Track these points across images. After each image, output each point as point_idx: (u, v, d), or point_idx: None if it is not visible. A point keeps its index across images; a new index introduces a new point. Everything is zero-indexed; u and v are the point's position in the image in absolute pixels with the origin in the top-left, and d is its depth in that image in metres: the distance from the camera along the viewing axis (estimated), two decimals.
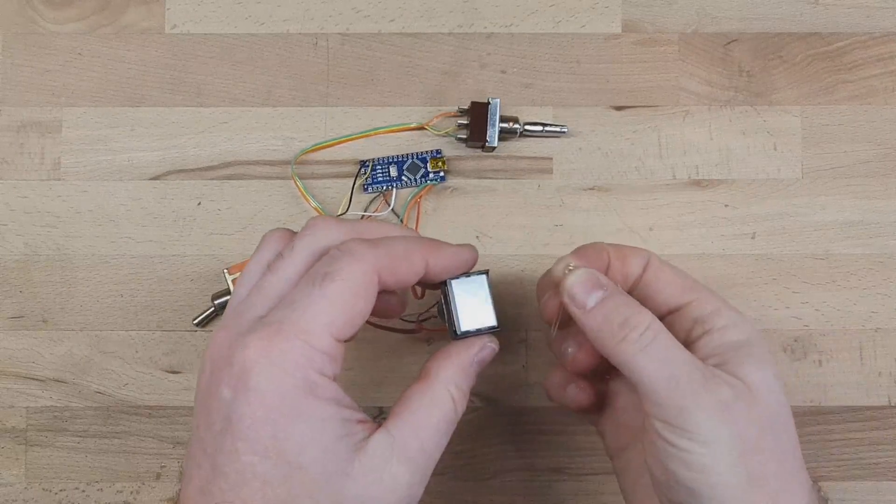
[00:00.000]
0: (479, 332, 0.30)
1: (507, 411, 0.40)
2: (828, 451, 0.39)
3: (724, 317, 0.30)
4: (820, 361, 0.40)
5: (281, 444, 0.25)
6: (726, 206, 0.40)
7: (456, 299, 0.30)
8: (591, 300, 0.29)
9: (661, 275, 0.31)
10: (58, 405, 0.40)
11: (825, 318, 0.40)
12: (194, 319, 0.39)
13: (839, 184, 0.40)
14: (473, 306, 0.30)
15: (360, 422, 0.27)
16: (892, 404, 0.40)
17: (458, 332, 0.30)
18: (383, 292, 0.33)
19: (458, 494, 0.39)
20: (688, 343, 0.30)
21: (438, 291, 0.31)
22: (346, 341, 0.28)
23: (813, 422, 0.39)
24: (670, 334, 0.28)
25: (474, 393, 0.39)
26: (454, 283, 0.30)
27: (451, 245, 0.30)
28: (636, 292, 0.31)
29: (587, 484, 0.39)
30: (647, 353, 0.28)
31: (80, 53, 0.41)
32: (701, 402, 0.27)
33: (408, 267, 0.28)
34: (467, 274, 0.31)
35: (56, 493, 0.39)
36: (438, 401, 0.29)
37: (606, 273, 0.31)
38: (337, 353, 0.27)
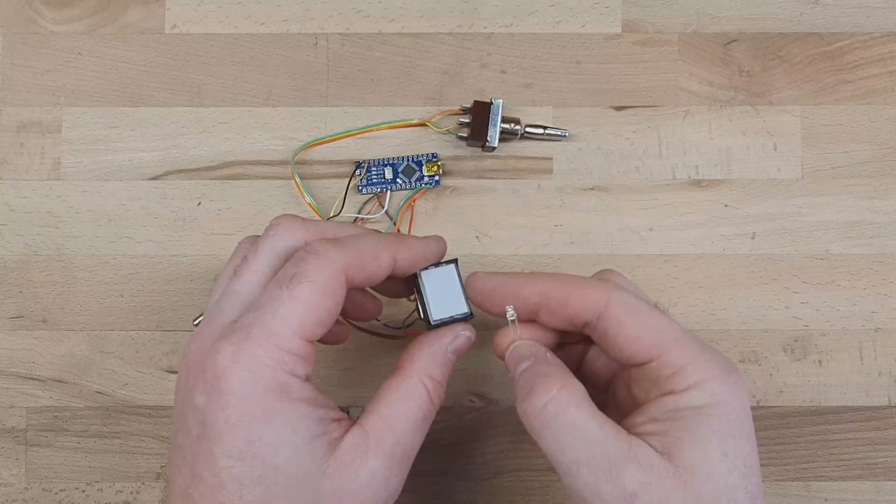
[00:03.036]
0: (452, 321, 0.31)
1: (507, 411, 0.40)
2: (828, 451, 0.39)
3: (689, 377, 0.26)
4: (820, 361, 0.40)
5: (255, 446, 0.25)
6: (726, 206, 0.40)
7: (426, 290, 0.30)
8: (518, 370, 0.29)
9: (619, 329, 0.28)
10: (58, 405, 0.40)
11: (825, 318, 0.40)
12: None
13: (839, 184, 0.40)
14: (444, 295, 0.31)
15: (334, 420, 0.27)
16: (892, 404, 0.40)
17: (431, 322, 0.30)
18: (358, 295, 0.33)
19: (458, 494, 0.39)
20: (646, 400, 0.28)
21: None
22: (318, 341, 0.28)
23: (813, 422, 0.39)
24: (581, 407, 0.26)
25: (474, 393, 0.40)
26: (424, 273, 0.31)
27: (417, 238, 0.31)
28: (598, 337, 0.29)
29: None
30: (548, 432, 0.27)
31: (80, 53, 0.41)
32: (601, 494, 0.25)
33: (375, 263, 0.29)
34: (437, 265, 0.31)
35: (56, 493, 0.39)
36: (412, 393, 0.29)
37: (539, 314, 0.29)
38: (308, 353, 0.27)
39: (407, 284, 0.32)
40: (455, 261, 0.31)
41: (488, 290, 0.30)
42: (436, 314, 0.30)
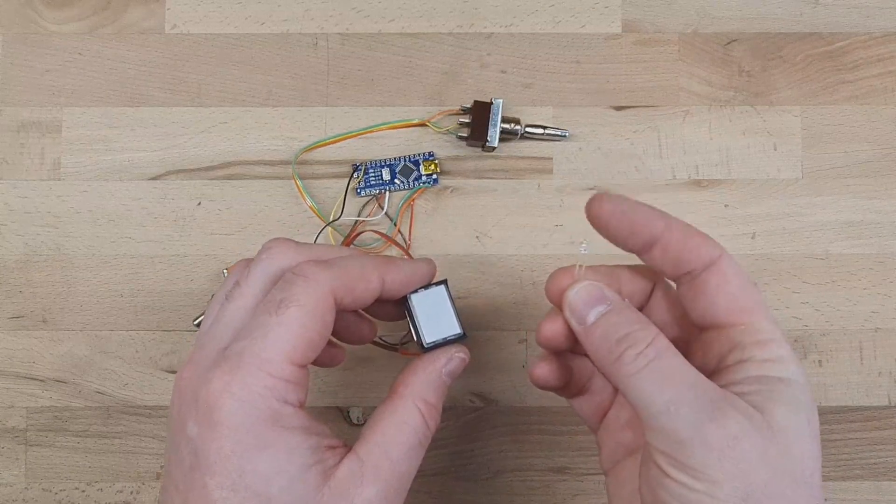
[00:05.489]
0: (445, 342, 0.30)
1: (507, 411, 0.40)
2: (828, 451, 0.39)
3: (770, 351, 0.26)
4: (820, 361, 0.40)
5: (248, 477, 0.25)
6: (726, 206, 0.40)
7: (417, 313, 0.30)
8: (592, 315, 0.27)
9: (723, 285, 0.27)
10: (58, 405, 0.40)
11: (825, 318, 0.40)
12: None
13: (839, 184, 0.40)
14: (436, 317, 0.30)
15: (329, 447, 0.27)
16: (892, 404, 0.40)
17: (424, 345, 0.30)
18: (352, 318, 0.32)
19: (458, 494, 0.39)
20: (718, 369, 0.27)
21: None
22: (314, 364, 0.28)
23: None
24: (677, 354, 0.26)
25: (474, 393, 0.40)
26: (414, 296, 0.30)
27: (406, 260, 0.30)
28: (688, 288, 0.28)
29: (587, 484, 0.39)
30: (644, 373, 0.25)
31: (80, 53, 0.41)
32: (704, 434, 0.24)
33: (363, 285, 0.28)
34: (426, 287, 0.31)
35: (56, 493, 0.39)
36: (407, 418, 0.28)
37: (651, 249, 0.28)
38: (300, 378, 0.27)
39: (399, 307, 0.31)
40: (444, 282, 0.31)
41: (618, 213, 0.27)
42: (428, 337, 0.30)
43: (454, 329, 0.30)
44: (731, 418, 0.24)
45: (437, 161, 0.40)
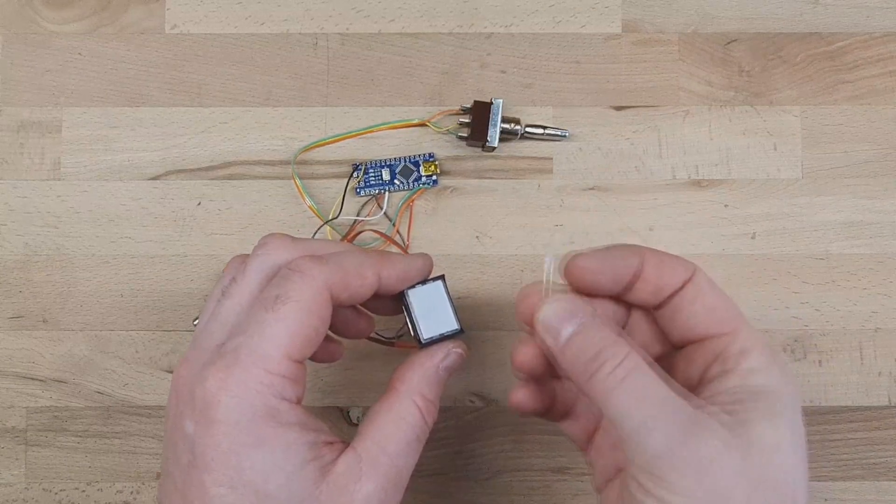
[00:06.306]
0: (443, 338, 0.30)
1: (507, 411, 0.40)
2: (828, 451, 0.39)
3: (753, 359, 0.26)
4: (820, 361, 0.40)
5: (246, 473, 0.25)
6: (726, 206, 0.40)
7: (414, 308, 0.30)
8: (566, 332, 0.27)
9: (700, 297, 0.27)
10: (58, 405, 0.40)
11: (825, 318, 0.40)
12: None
13: (839, 184, 0.40)
14: (433, 313, 0.30)
15: (327, 443, 0.27)
16: (892, 404, 0.40)
17: (422, 341, 0.30)
18: (349, 312, 0.32)
19: (458, 494, 0.39)
20: (702, 381, 0.27)
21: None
22: (312, 360, 0.27)
23: (813, 422, 0.39)
24: (650, 371, 0.25)
25: (474, 393, 0.40)
26: (410, 292, 0.30)
27: (402, 256, 0.30)
28: (666, 309, 0.28)
29: (587, 484, 0.39)
30: (619, 391, 0.25)
31: (80, 53, 0.41)
32: (680, 452, 0.24)
33: (359, 281, 0.28)
34: (424, 282, 0.30)
35: (56, 493, 0.39)
36: (405, 413, 0.28)
37: (636, 282, 0.28)
38: (297, 374, 0.27)
39: (396, 302, 0.31)
40: (442, 277, 0.31)
41: (603, 269, 0.28)
42: (426, 333, 0.30)
43: (452, 325, 0.30)
44: (706, 438, 0.24)
45: (437, 162, 0.40)
